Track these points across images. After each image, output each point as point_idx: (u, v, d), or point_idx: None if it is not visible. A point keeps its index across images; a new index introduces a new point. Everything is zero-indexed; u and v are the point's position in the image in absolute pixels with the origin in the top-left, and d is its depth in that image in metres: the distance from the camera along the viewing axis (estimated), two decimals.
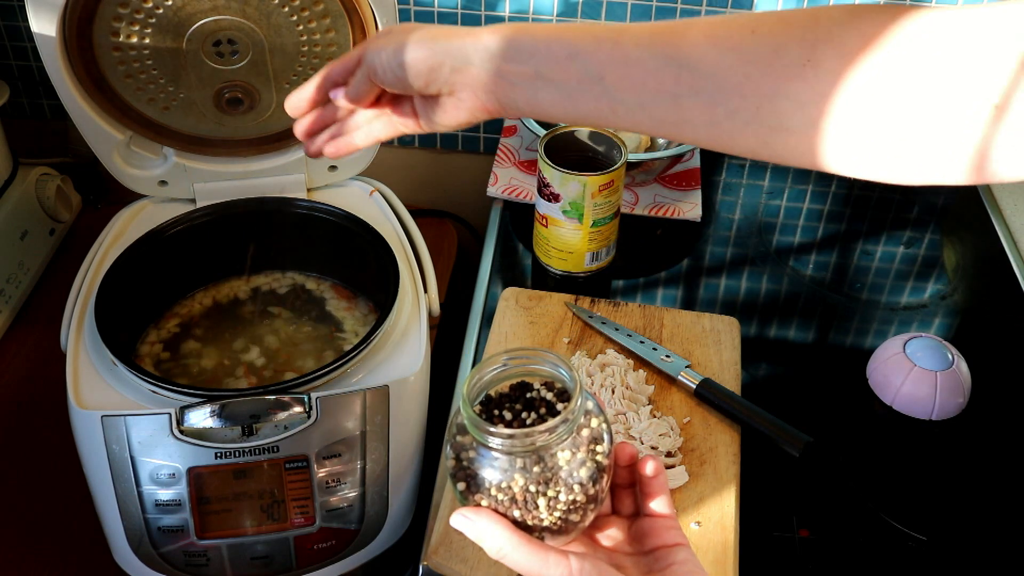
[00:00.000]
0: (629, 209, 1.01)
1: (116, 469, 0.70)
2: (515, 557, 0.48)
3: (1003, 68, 0.39)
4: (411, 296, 0.83)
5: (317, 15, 0.82)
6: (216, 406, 0.69)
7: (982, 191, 1.10)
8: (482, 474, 0.50)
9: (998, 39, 0.40)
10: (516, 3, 1.12)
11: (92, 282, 0.83)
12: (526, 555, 0.48)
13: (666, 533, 0.52)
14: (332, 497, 0.72)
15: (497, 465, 0.49)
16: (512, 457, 0.49)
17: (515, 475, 0.49)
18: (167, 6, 0.79)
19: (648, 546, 0.52)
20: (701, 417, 0.76)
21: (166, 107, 0.86)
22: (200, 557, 0.71)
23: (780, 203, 1.07)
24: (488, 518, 0.49)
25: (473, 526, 0.49)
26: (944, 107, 0.41)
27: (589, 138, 0.91)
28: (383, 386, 0.74)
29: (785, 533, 0.71)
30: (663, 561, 0.51)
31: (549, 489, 0.49)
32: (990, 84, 0.40)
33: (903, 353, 0.79)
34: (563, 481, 0.49)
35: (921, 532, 0.71)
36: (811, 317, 0.92)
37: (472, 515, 0.49)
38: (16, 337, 0.99)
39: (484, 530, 0.49)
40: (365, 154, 0.93)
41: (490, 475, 0.50)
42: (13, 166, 1.06)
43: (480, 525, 0.49)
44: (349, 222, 0.88)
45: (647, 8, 1.11)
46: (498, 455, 0.49)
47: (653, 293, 0.94)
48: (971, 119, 0.40)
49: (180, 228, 0.88)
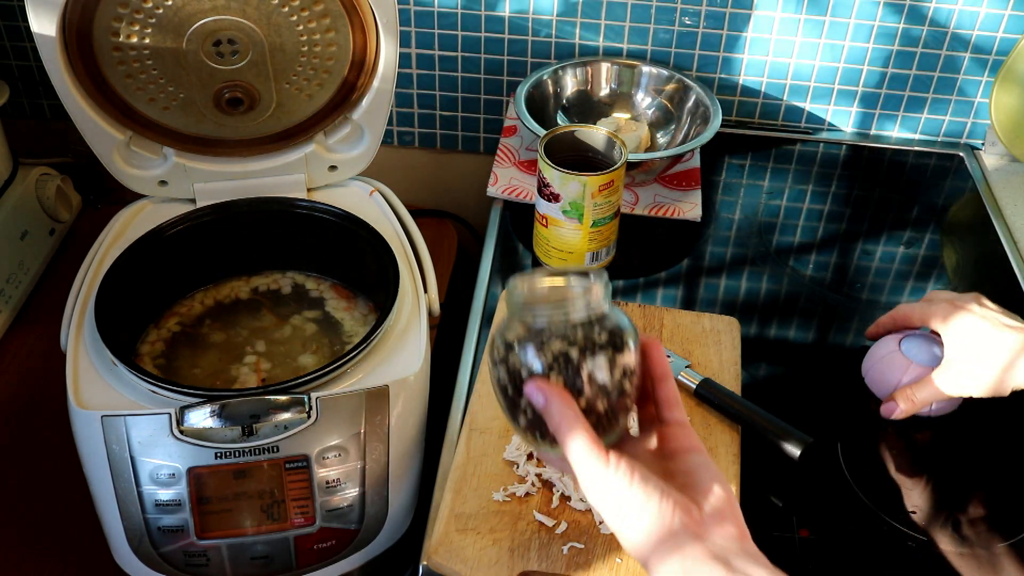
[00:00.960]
0: (629, 209, 1.01)
1: (116, 469, 0.70)
2: (568, 435, 0.51)
3: None
4: (411, 296, 0.83)
5: (317, 15, 0.82)
6: (216, 406, 0.69)
7: (982, 191, 1.10)
8: (522, 367, 0.53)
9: None
10: (516, 3, 1.12)
11: (92, 282, 0.83)
12: (580, 439, 0.51)
13: (683, 439, 0.55)
14: (332, 497, 0.72)
15: (533, 355, 0.52)
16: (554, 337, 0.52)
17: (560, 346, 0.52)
18: (167, 6, 0.79)
19: (667, 451, 0.55)
20: (701, 417, 0.76)
21: (166, 107, 0.86)
22: (200, 557, 0.71)
23: (780, 203, 1.07)
24: (560, 394, 0.52)
25: (542, 397, 0.52)
26: None
27: (589, 138, 0.91)
28: (383, 386, 0.74)
29: (785, 533, 0.71)
30: (682, 465, 0.54)
31: (591, 361, 0.52)
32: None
33: (899, 351, 0.79)
34: (602, 358, 0.52)
35: (921, 532, 0.71)
36: (811, 317, 0.92)
37: (546, 387, 0.52)
38: (16, 337, 0.99)
39: (555, 404, 0.51)
40: (365, 154, 0.93)
41: (528, 361, 0.52)
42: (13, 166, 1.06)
43: (553, 397, 0.52)
44: (349, 222, 0.88)
45: (647, 8, 1.11)
46: (542, 345, 0.52)
47: (653, 293, 0.94)
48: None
49: (180, 228, 0.88)
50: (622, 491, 0.51)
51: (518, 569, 0.65)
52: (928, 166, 1.15)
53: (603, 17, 1.12)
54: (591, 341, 0.52)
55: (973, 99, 1.14)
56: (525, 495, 0.70)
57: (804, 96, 1.17)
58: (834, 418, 0.80)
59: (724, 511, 0.52)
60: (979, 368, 0.73)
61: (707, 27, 1.12)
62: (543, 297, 0.53)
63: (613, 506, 0.51)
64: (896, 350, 0.79)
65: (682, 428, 0.56)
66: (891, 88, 1.15)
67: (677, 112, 1.11)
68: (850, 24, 1.10)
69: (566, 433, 0.51)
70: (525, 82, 1.09)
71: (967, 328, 0.74)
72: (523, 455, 0.72)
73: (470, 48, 1.16)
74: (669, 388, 0.57)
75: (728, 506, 0.52)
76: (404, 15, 1.13)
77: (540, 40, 1.15)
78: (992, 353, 0.73)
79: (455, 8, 1.13)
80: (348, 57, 0.86)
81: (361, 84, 0.88)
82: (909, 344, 0.79)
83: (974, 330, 0.73)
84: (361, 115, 0.90)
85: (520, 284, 0.54)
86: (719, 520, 0.51)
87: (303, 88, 0.87)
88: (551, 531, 0.68)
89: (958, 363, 0.74)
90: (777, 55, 1.13)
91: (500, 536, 0.67)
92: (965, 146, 1.18)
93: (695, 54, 1.14)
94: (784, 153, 1.16)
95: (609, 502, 0.51)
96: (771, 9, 1.09)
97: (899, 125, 1.18)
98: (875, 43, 1.11)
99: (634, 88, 1.14)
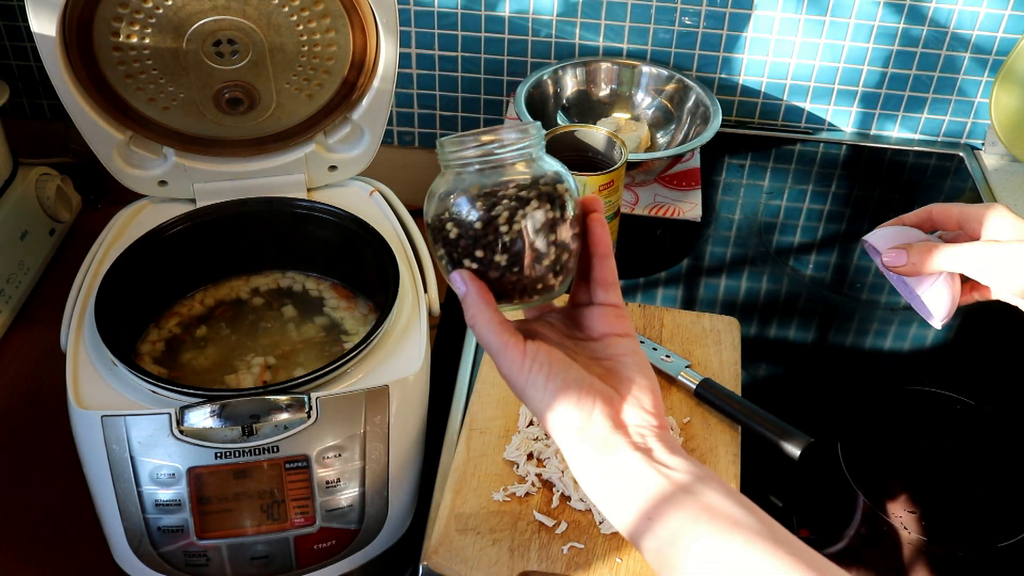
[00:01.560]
0: (629, 209, 1.02)
1: (116, 469, 0.70)
2: (482, 329, 0.51)
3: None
4: (411, 296, 0.83)
5: (317, 15, 0.82)
6: (216, 406, 0.69)
7: (982, 191, 1.10)
8: (458, 217, 0.51)
9: None
10: (516, 3, 1.12)
11: (92, 282, 0.83)
12: (492, 331, 0.51)
13: (616, 322, 0.54)
14: (332, 497, 0.72)
15: (467, 204, 0.51)
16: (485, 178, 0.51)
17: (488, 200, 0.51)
18: (167, 6, 0.79)
19: (596, 333, 0.54)
20: (701, 417, 0.76)
21: (166, 107, 0.86)
22: (200, 557, 0.71)
23: (780, 203, 1.07)
24: (480, 285, 0.52)
25: (464, 287, 0.52)
26: None
27: (589, 138, 0.91)
28: (383, 386, 0.74)
29: None
30: (610, 349, 0.54)
31: (522, 214, 0.51)
32: None
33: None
34: (533, 211, 0.51)
35: (921, 532, 0.71)
36: (811, 317, 0.92)
37: (469, 278, 0.52)
38: (16, 337, 0.99)
39: (471, 294, 0.51)
40: (365, 154, 0.93)
41: (464, 211, 0.51)
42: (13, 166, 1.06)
43: (472, 288, 0.52)
44: (349, 222, 0.88)
45: (647, 8, 1.11)
46: (469, 189, 0.51)
47: (653, 293, 0.94)
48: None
49: (180, 228, 0.88)
50: (539, 384, 0.50)
51: (518, 569, 0.65)
52: (928, 166, 1.15)
53: (603, 17, 1.12)
54: (525, 191, 0.51)
55: (973, 99, 1.14)
56: (525, 495, 0.70)
57: (804, 96, 1.17)
58: (834, 418, 0.80)
59: (644, 400, 0.51)
60: (1012, 260, 0.60)
61: (707, 27, 1.12)
62: (473, 142, 0.52)
63: (534, 399, 0.51)
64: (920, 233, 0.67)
65: (615, 311, 0.55)
66: (891, 88, 1.15)
67: (677, 112, 1.11)
68: (850, 24, 1.10)
69: (480, 326, 0.51)
70: (525, 82, 1.09)
71: (1008, 224, 0.62)
72: (523, 455, 0.72)
73: (470, 48, 1.16)
74: (607, 267, 0.55)
75: (650, 395, 0.52)
76: (404, 15, 1.13)
77: (540, 40, 1.15)
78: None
79: (455, 8, 1.13)
80: (348, 57, 0.86)
81: (361, 84, 0.88)
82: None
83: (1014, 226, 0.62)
84: (361, 115, 0.90)
85: (451, 137, 0.52)
86: (639, 410, 0.51)
87: (303, 88, 0.87)
88: (551, 531, 0.68)
89: (995, 247, 0.61)
90: (777, 55, 1.13)
91: (500, 536, 0.67)
92: (965, 146, 1.18)
93: (695, 54, 1.14)
94: (784, 153, 1.16)
95: (528, 395, 0.51)
96: (771, 9, 1.09)
97: (899, 125, 1.18)
98: (875, 43, 1.11)
99: (634, 88, 1.14)
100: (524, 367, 0.51)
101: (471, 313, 0.52)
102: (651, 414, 0.51)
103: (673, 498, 0.47)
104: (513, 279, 0.52)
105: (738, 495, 0.48)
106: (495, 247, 0.51)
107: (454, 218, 0.51)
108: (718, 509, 0.47)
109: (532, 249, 0.51)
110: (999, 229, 0.61)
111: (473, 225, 0.51)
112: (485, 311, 0.51)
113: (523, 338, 0.52)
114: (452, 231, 0.51)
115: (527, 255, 0.51)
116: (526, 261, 0.51)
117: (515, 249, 0.51)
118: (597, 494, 0.50)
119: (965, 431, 0.79)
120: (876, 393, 0.83)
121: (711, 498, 0.47)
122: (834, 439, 0.78)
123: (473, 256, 0.51)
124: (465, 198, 0.51)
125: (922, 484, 0.75)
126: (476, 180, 0.51)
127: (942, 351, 0.90)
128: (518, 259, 0.51)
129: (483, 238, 0.51)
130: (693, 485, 0.48)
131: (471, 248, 0.51)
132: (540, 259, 0.52)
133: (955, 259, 0.61)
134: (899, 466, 0.77)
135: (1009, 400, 0.83)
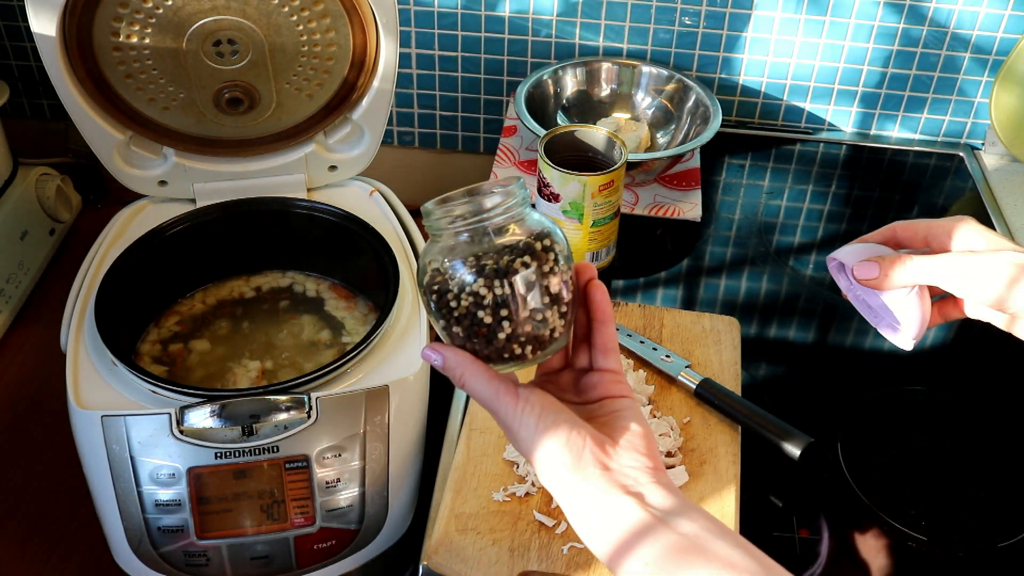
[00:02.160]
0: (629, 209, 1.02)
1: (116, 469, 0.70)
2: (472, 384, 0.51)
3: None
4: (411, 296, 0.83)
5: (317, 15, 0.82)
6: (216, 406, 0.69)
7: (982, 191, 1.10)
8: (450, 282, 0.51)
9: None
10: (516, 3, 1.12)
11: (92, 282, 0.83)
12: (482, 383, 0.51)
13: (613, 386, 0.54)
14: (332, 497, 0.72)
15: (461, 268, 0.51)
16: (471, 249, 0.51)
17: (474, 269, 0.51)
18: (167, 6, 0.79)
19: (594, 396, 0.54)
20: (701, 417, 0.76)
21: (166, 107, 0.86)
22: (200, 557, 0.71)
23: (780, 203, 1.07)
24: (452, 350, 0.52)
25: (439, 357, 0.52)
26: None
27: (589, 138, 0.91)
28: (383, 386, 0.74)
29: (785, 533, 0.71)
30: (607, 408, 0.53)
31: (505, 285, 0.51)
32: None
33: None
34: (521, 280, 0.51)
35: (921, 532, 0.71)
36: (811, 317, 0.92)
37: (439, 348, 0.53)
38: (16, 337, 0.99)
39: (449, 359, 0.52)
40: (365, 154, 0.93)
41: (457, 276, 0.51)
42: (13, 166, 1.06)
43: (447, 355, 0.52)
44: (349, 222, 0.88)
45: (647, 8, 1.11)
46: (459, 254, 0.51)
47: (653, 293, 0.94)
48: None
49: (180, 228, 0.88)
50: (530, 424, 0.50)
51: (518, 569, 0.65)
52: (928, 166, 1.15)
53: (603, 17, 1.12)
54: (513, 254, 0.51)
55: (973, 99, 1.14)
56: (525, 495, 0.70)
57: (804, 96, 1.17)
58: (834, 418, 0.80)
59: (638, 443, 0.51)
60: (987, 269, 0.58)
61: (707, 27, 1.12)
62: (459, 202, 0.52)
63: (525, 441, 0.50)
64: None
65: (614, 377, 0.55)
66: (891, 88, 1.15)
67: (677, 112, 1.11)
68: (850, 24, 1.10)
69: (469, 381, 0.52)
70: (525, 82, 1.09)
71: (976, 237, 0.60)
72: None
73: (470, 48, 1.16)
74: (607, 334, 0.55)
75: (643, 439, 0.51)
76: (404, 15, 1.13)
77: (540, 40, 1.15)
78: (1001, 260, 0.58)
79: (455, 8, 1.13)
80: (348, 57, 0.86)
81: (361, 84, 0.88)
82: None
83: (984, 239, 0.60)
84: (361, 115, 0.90)
85: (435, 201, 0.52)
86: (632, 451, 0.51)
87: (303, 88, 0.87)
88: (551, 531, 0.68)
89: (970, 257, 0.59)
90: (777, 55, 1.13)
91: (500, 536, 0.67)
92: (965, 146, 1.18)
93: (695, 54, 1.14)
94: (784, 153, 1.16)
95: (520, 437, 0.51)
96: (771, 9, 1.09)
97: (899, 125, 1.18)
98: (875, 43, 1.11)
99: (634, 88, 1.14)
100: (516, 409, 0.51)
101: (457, 373, 0.52)
102: (644, 455, 0.51)
103: (667, 541, 0.47)
104: (506, 339, 0.52)
105: (735, 536, 0.48)
106: (488, 309, 0.51)
107: (446, 284, 0.52)
108: (713, 551, 0.46)
109: (525, 309, 0.51)
110: (968, 241, 0.60)
111: (465, 289, 0.51)
112: (471, 365, 0.52)
113: (515, 385, 0.52)
114: (447, 296, 0.52)
115: (520, 314, 0.51)
116: (520, 320, 0.51)
117: (509, 310, 0.51)
118: (589, 536, 0.50)
119: (965, 431, 0.79)
120: (876, 393, 0.83)
121: (709, 542, 0.46)
122: (834, 439, 0.78)
123: (471, 319, 0.52)
124: (457, 262, 0.51)
125: (922, 484, 0.75)
126: (465, 248, 0.52)
127: (942, 351, 0.90)
128: (512, 319, 0.51)
129: (479, 301, 0.51)
130: (687, 527, 0.47)
131: (467, 312, 0.52)
132: (533, 318, 0.52)
133: (930, 270, 0.59)
134: (899, 466, 0.77)
135: (1009, 400, 0.83)
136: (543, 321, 0.52)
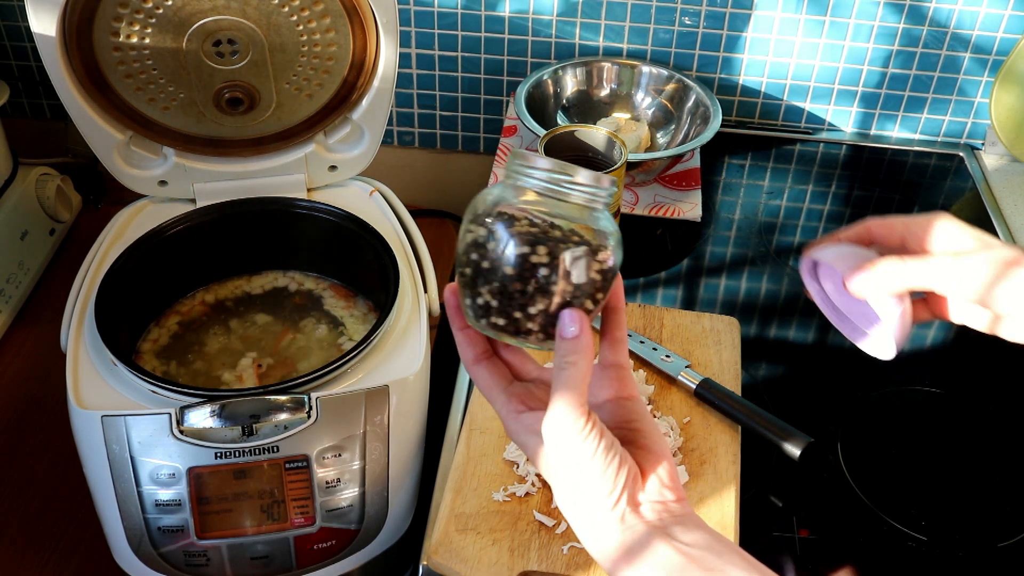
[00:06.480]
0: (629, 209, 1.02)
1: (116, 469, 0.70)
2: (564, 393, 0.48)
3: None
4: (411, 296, 0.83)
5: (317, 15, 0.82)
6: (216, 406, 0.69)
7: (982, 191, 1.10)
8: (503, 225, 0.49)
9: None
10: (516, 3, 1.12)
11: (92, 282, 0.83)
12: (569, 400, 0.48)
13: (621, 386, 0.53)
14: (332, 497, 0.72)
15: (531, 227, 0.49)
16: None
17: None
18: (167, 6, 0.79)
19: (601, 398, 0.53)
20: (701, 417, 0.76)
21: (166, 107, 0.86)
22: (200, 557, 0.71)
23: (780, 203, 1.07)
24: (588, 343, 0.49)
25: (577, 328, 0.49)
26: None
27: (589, 138, 0.91)
28: (383, 386, 0.74)
29: (785, 533, 0.71)
30: (618, 417, 0.52)
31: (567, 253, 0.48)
32: None
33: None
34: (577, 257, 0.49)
35: (921, 532, 0.71)
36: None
37: (580, 319, 0.49)
38: (16, 337, 0.99)
39: (586, 336, 0.49)
40: (365, 154, 0.93)
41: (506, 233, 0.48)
42: (13, 166, 1.06)
43: (586, 328, 0.49)
44: (349, 222, 0.88)
45: (647, 8, 1.11)
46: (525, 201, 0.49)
47: (653, 293, 0.94)
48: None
49: (180, 228, 0.88)
50: (586, 460, 0.48)
51: (518, 569, 0.65)
52: (928, 166, 1.15)
53: (603, 17, 1.12)
54: (574, 236, 0.49)
55: (973, 99, 1.14)
56: (525, 495, 0.70)
57: (804, 96, 1.17)
58: (834, 418, 0.80)
59: (663, 473, 0.50)
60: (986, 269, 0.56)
61: (707, 27, 1.12)
62: (553, 160, 0.50)
63: (571, 472, 0.48)
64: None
65: (622, 372, 0.53)
66: (891, 88, 1.15)
67: (677, 112, 1.11)
68: (850, 24, 1.10)
69: (566, 384, 0.48)
70: (525, 82, 1.09)
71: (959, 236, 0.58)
72: (523, 455, 0.72)
73: (470, 48, 1.16)
74: (618, 323, 0.53)
75: (667, 465, 0.50)
76: (404, 15, 1.13)
77: (540, 40, 1.15)
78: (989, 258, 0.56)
79: (455, 8, 1.13)
80: (348, 57, 0.86)
81: (361, 84, 0.88)
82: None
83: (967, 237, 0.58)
84: (361, 115, 0.90)
85: (526, 152, 0.50)
86: (659, 484, 0.49)
87: (303, 88, 0.87)
88: (551, 531, 0.68)
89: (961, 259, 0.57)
90: (777, 55, 1.13)
91: (500, 536, 0.67)
92: (965, 146, 1.18)
93: (695, 54, 1.14)
94: (784, 153, 1.16)
95: (568, 468, 0.48)
96: (771, 9, 1.09)
97: (899, 125, 1.18)
98: (875, 43, 1.11)
99: (634, 88, 1.14)
100: (584, 428, 0.48)
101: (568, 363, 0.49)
102: (669, 488, 0.50)
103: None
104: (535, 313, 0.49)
105: (759, 566, 0.47)
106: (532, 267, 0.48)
107: (491, 228, 0.49)
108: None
109: (566, 283, 0.49)
110: (948, 240, 0.57)
111: (510, 244, 0.48)
112: (589, 354, 0.49)
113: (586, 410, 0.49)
114: (487, 245, 0.49)
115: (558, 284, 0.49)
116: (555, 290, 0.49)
117: (547, 281, 0.49)
118: (614, 570, 0.48)
119: (965, 431, 0.79)
120: (876, 393, 0.83)
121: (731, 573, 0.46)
122: (834, 439, 0.78)
123: (515, 267, 0.49)
124: (507, 220, 0.49)
125: (922, 484, 0.75)
126: (534, 201, 0.50)
127: (942, 351, 0.90)
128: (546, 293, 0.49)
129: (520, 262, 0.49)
130: (712, 562, 0.47)
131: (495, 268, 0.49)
132: (568, 299, 0.49)
133: (928, 274, 0.56)
134: (899, 466, 0.77)
135: (1009, 400, 0.83)
136: (576, 299, 0.49)
